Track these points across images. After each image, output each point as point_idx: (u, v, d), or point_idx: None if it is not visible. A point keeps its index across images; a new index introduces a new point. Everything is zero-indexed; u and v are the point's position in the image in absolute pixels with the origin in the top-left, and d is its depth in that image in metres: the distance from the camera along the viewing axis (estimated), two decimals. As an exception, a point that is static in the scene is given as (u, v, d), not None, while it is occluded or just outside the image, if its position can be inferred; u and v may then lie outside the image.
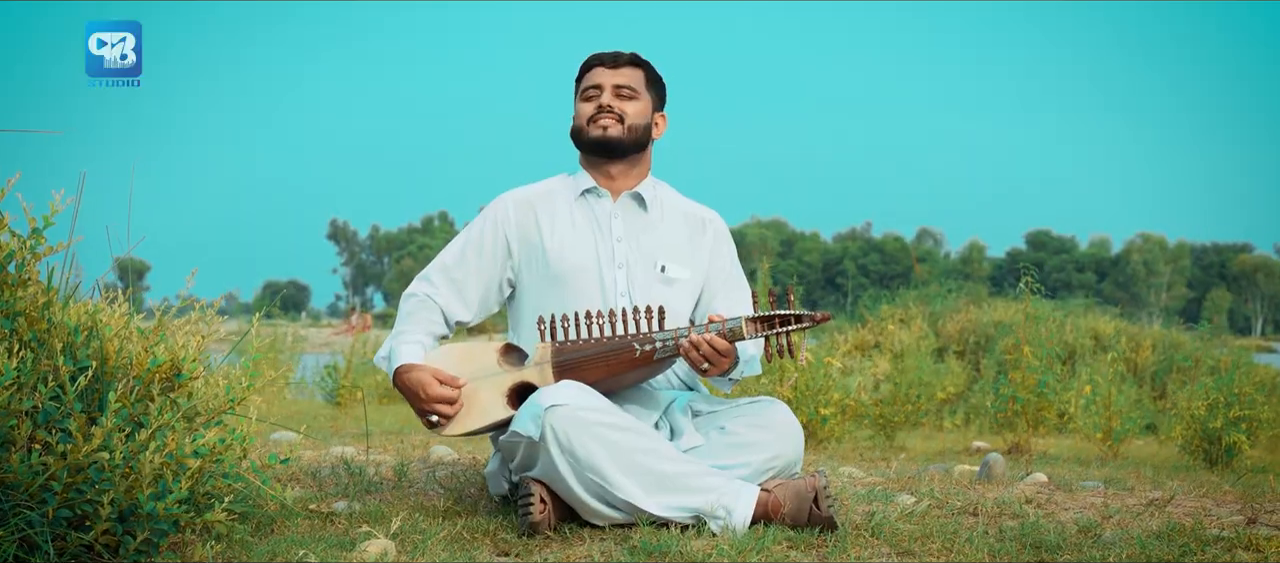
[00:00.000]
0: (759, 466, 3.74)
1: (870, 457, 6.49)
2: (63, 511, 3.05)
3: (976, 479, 4.90)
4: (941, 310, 16.39)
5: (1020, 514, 3.95)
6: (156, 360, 3.46)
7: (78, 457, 3.04)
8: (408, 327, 3.98)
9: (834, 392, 7.52)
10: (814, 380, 7.46)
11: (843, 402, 7.66)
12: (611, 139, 4.00)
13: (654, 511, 3.57)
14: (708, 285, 4.08)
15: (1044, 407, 7.30)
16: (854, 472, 5.19)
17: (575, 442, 3.55)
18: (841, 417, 7.67)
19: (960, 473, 5.13)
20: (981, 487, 4.65)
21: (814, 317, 3.64)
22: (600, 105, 4.01)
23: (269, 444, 6.00)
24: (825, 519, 3.56)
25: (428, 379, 3.81)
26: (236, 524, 3.43)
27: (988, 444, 7.74)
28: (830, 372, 7.57)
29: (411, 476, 4.54)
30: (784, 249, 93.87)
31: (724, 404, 3.92)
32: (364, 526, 3.58)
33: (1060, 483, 4.79)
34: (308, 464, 4.73)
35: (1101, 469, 5.90)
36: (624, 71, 4.04)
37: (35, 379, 3.14)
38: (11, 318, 3.28)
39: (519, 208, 4.07)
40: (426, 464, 4.86)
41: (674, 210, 4.12)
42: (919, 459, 6.67)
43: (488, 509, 3.92)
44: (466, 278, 4.04)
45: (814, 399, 7.42)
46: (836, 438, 7.62)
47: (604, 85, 4.02)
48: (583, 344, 3.73)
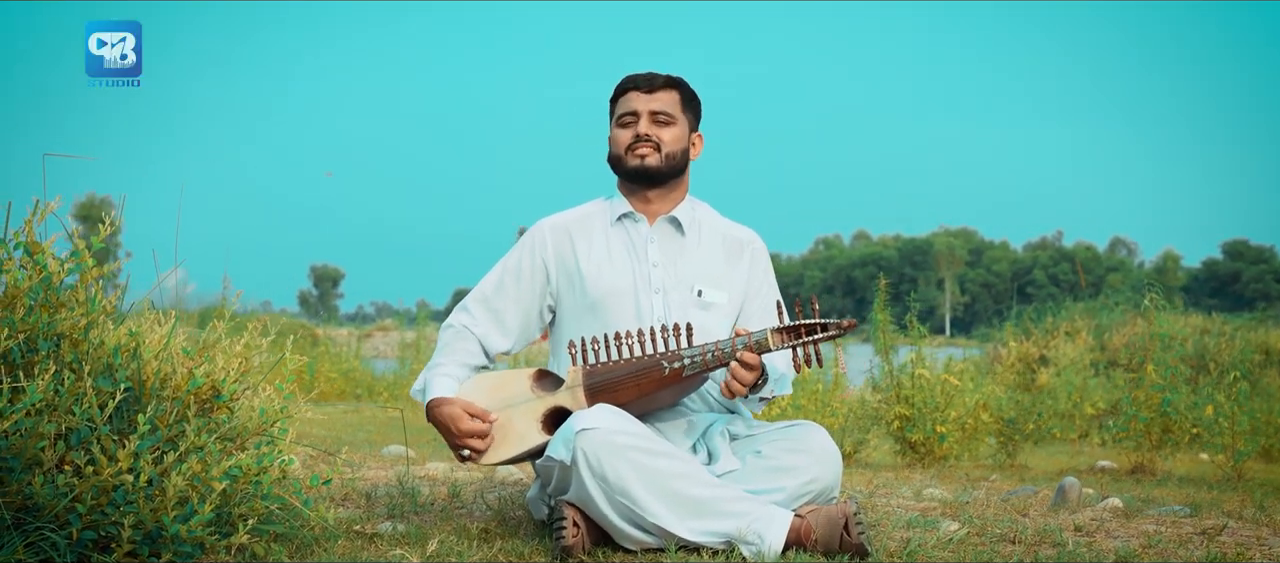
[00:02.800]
0: (794, 490, 3.68)
1: (973, 476, 6.35)
2: (87, 533, 3.09)
3: (1051, 504, 4.76)
4: (1109, 323, 16.04)
5: (1060, 543, 3.84)
6: (196, 382, 3.52)
7: (102, 478, 3.08)
8: (443, 359, 3.99)
9: (951, 410, 7.39)
10: (930, 398, 7.34)
11: (962, 419, 7.52)
12: (650, 168, 3.97)
13: (685, 535, 3.54)
14: (745, 308, 4.04)
15: (1169, 426, 7.09)
16: (940, 494, 5.09)
17: (606, 465, 3.53)
18: (961, 433, 7.53)
19: (1041, 497, 4.99)
20: (1041, 513, 4.54)
21: (840, 324, 3.58)
22: (638, 134, 3.98)
23: (383, 459, 6.07)
24: (856, 546, 3.49)
25: (458, 414, 3.82)
26: (273, 546, 3.46)
27: (1113, 463, 7.53)
28: (947, 388, 7.43)
29: (463, 497, 4.55)
30: (972, 258, 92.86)
31: (762, 428, 3.88)
32: (397, 548, 3.60)
33: (1133, 509, 4.64)
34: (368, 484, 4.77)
35: (1208, 492, 5.71)
36: (659, 96, 4.00)
37: (70, 401, 3.19)
38: (54, 340, 3.35)
39: (556, 234, 4.06)
40: (482, 485, 4.87)
41: (712, 233, 4.08)
42: (1034, 477, 6.51)
43: (527, 533, 3.92)
44: (505, 307, 4.04)
45: (930, 417, 7.30)
46: (955, 456, 7.49)
47: (640, 112, 3.98)
48: (613, 366, 3.71)
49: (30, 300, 3.33)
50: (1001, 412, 7.85)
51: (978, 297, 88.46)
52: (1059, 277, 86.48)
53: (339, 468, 4.08)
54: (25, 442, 3.07)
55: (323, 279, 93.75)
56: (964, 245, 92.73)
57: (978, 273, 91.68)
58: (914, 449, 7.41)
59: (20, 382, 3.14)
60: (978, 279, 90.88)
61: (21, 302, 3.32)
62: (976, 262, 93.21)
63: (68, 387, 3.18)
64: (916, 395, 7.36)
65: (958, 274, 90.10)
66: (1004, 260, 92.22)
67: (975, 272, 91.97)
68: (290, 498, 3.54)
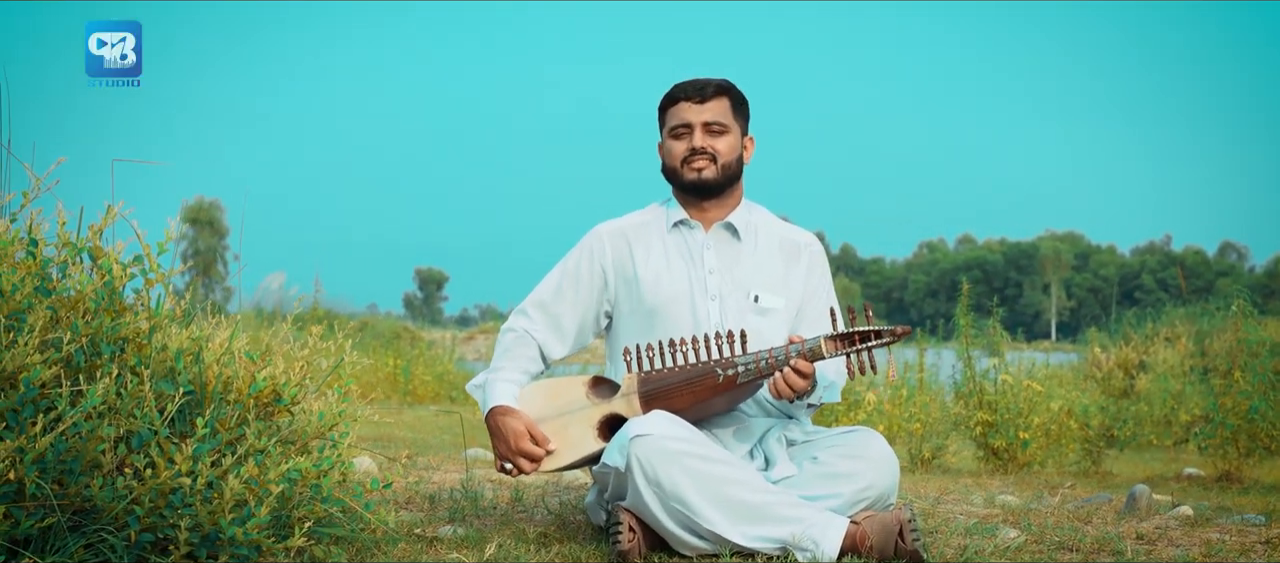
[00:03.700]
0: (851, 497, 3.67)
1: (1054, 483, 6.27)
2: (145, 535, 3.13)
3: (1121, 512, 4.70)
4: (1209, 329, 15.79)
5: (1119, 551, 3.80)
6: (257, 385, 3.56)
7: (160, 481, 3.12)
8: (504, 363, 4.00)
9: (1035, 416, 7.31)
10: (1012, 404, 7.27)
11: (1046, 426, 7.43)
12: (707, 181, 3.97)
13: (739, 541, 3.54)
14: (801, 312, 4.02)
15: (1256, 433, 6.97)
16: (1009, 500, 5.04)
17: (660, 471, 3.54)
18: (1045, 439, 7.45)
19: (1113, 505, 4.93)
20: (1106, 521, 4.49)
21: (894, 331, 3.56)
22: (693, 147, 3.97)
23: (461, 461, 6.11)
24: (911, 553, 3.48)
25: (521, 431, 3.83)
26: (333, 548, 3.49)
27: (1200, 471, 7.41)
28: (1030, 394, 7.36)
29: (525, 501, 4.57)
30: (1079, 263, 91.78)
31: (819, 433, 3.86)
32: (455, 552, 3.62)
33: (1204, 517, 4.57)
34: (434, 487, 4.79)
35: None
36: (711, 106, 3.98)
37: (131, 404, 3.24)
38: (118, 344, 3.41)
39: (613, 239, 4.07)
40: (545, 489, 4.89)
41: (769, 237, 4.06)
42: (1117, 485, 6.43)
43: (585, 538, 3.93)
44: (563, 311, 4.05)
45: (1013, 423, 7.23)
46: (1039, 462, 7.41)
47: (693, 124, 3.97)
48: (667, 372, 3.71)
49: (93, 304, 3.38)
50: (1086, 418, 7.76)
51: (1084, 301, 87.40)
52: (1167, 281, 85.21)
53: (399, 471, 4.09)
54: (85, 444, 3.11)
55: (427, 282, 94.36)
56: (1070, 249, 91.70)
57: (1084, 277, 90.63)
58: (997, 455, 7.35)
59: (82, 385, 3.19)
60: (1084, 283, 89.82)
61: (85, 306, 3.38)
62: (1083, 266, 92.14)
63: (130, 390, 3.22)
64: (1000, 401, 7.30)
65: (1064, 278, 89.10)
66: (1111, 265, 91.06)
67: (1082, 276, 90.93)
68: (350, 501, 3.57)
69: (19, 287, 3.24)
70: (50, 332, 3.28)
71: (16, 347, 3.07)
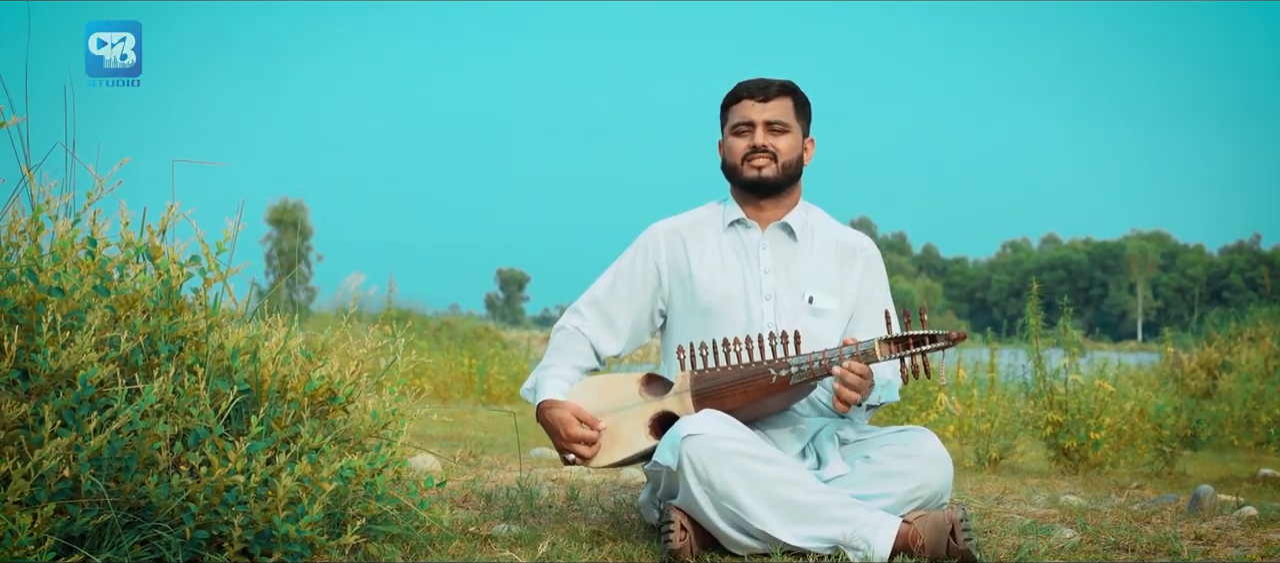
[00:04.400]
0: (903, 496, 3.65)
1: (1124, 484, 6.20)
2: (200, 532, 3.16)
3: (1184, 513, 4.65)
4: (1296, 329, 15.55)
5: (1175, 552, 3.76)
6: (312, 384, 3.59)
7: (215, 478, 3.16)
8: (555, 361, 4.02)
9: (1106, 416, 7.24)
10: (1084, 405, 7.20)
11: (1118, 426, 7.36)
12: (767, 179, 3.96)
13: (791, 541, 3.54)
14: (856, 315, 4.00)
15: (1330, 432, 6.87)
16: (1072, 501, 5.00)
17: (712, 471, 3.54)
18: (1117, 440, 7.37)
19: (1178, 505, 4.88)
20: (1167, 522, 4.44)
21: (949, 336, 3.54)
22: (754, 145, 3.96)
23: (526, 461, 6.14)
24: (963, 552, 3.46)
25: (568, 418, 3.84)
26: (387, 546, 3.51)
27: (1275, 471, 7.30)
28: (1101, 395, 7.29)
29: (580, 499, 4.58)
30: (1165, 263, 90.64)
31: (872, 433, 3.85)
32: (506, 551, 3.64)
33: (1269, 518, 4.50)
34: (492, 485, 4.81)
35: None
36: (774, 105, 3.97)
37: (188, 403, 3.27)
38: (175, 343, 3.44)
39: (669, 237, 4.06)
40: (599, 488, 4.90)
41: (825, 239, 4.05)
42: (1189, 485, 6.36)
43: (638, 536, 3.94)
44: (617, 309, 4.06)
45: (1083, 423, 7.16)
46: (1111, 463, 7.34)
47: (755, 122, 3.96)
48: (720, 372, 3.71)
49: (151, 303, 3.42)
50: (1159, 419, 7.67)
51: (1171, 301, 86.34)
52: (1256, 281, 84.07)
53: (454, 470, 4.11)
54: (141, 442, 3.15)
55: (509, 282, 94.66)
56: (1157, 249, 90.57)
57: (1171, 277, 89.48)
58: (1068, 456, 7.28)
59: (139, 384, 3.22)
60: (1171, 283, 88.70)
61: (143, 305, 3.42)
62: (1170, 266, 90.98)
63: (186, 388, 3.26)
64: (1070, 401, 7.23)
65: (1150, 278, 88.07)
66: (1199, 264, 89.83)
67: (1169, 276, 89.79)
68: (405, 499, 3.59)
69: (78, 286, 3.27)
70: (108, 331, 3.32)
71: (74, 345, 3.10)
